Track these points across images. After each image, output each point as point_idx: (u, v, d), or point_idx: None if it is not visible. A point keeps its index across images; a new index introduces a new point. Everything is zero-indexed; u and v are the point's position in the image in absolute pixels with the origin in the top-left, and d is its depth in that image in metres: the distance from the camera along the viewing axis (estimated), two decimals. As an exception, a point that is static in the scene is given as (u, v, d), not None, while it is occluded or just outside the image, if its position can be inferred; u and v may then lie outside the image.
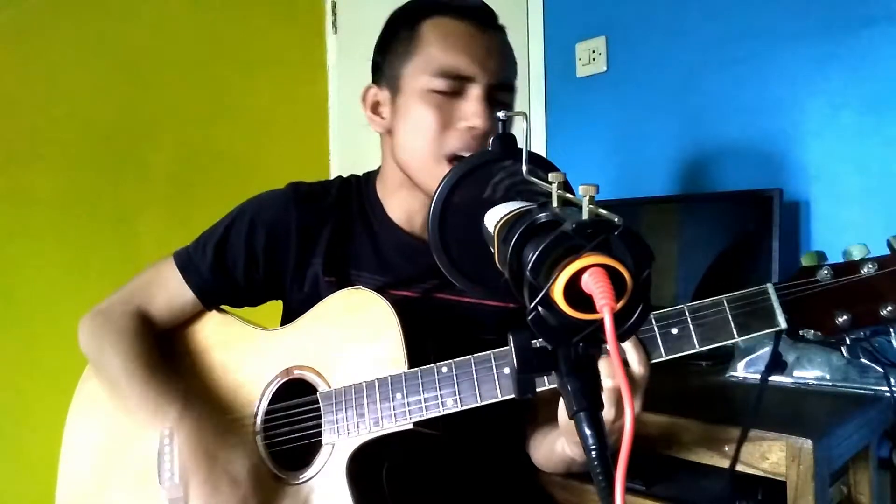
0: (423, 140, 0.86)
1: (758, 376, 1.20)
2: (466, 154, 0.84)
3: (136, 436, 0.93)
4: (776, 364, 0.74)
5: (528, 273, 0.38)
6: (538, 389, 0.52)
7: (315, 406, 0.86)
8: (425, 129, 0.85)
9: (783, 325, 0.69)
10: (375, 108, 0.94)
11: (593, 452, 0.40)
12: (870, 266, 0.66)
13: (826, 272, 0.68)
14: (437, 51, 0.86)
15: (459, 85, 0.85)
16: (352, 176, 1.03)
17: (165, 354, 0.96)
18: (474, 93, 0.85)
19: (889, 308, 0.65)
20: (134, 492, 0.93)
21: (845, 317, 0.67)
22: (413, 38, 0.88)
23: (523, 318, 0.39)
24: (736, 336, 0.70)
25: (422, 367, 0.80)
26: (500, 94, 0.87)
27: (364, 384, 0.82)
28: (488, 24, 0.89)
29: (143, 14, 1.81)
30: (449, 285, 0.80)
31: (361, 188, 1.00)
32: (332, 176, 2.21)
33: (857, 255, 0.68)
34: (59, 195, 1.64)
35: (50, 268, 1.62)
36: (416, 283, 0.93)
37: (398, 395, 0.80)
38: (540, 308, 0.38)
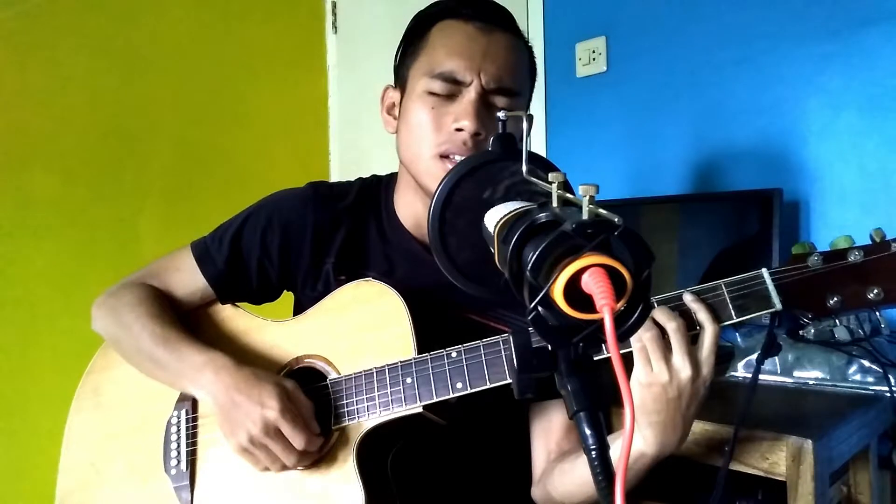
0: (418, 139, 0.88)
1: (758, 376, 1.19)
2: (457, 155, 0.85)
3: (143, 422, 0.95)
4: (771, 345, 0.77)
5: (528, 273, 0.38)
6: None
7: (325, 393, 0.86)
8: (420, 128, 0.88)
9: (778, 306, 0.73)
10: (391, 109, 0.96)
11: (593, 452, 0.40)
12: (856, 254, 0.71)
13: (816, 258, 0.72)
14: (438, 54, 0.88)
15: (455, 88, 0.86)
16: (373, 177, 1.04)
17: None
18: (467, 96, 0.86)
19: (875, 291, 0.70)
20: (137, 479, 0.94)
21: (836, 299, 0.71)
22: (422, 41, 0.90)
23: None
24: (734, 317, 0.73)
25: (431, 353, 0.81)
26: (498, 98, 0.87)
27: (374, 370, 0.83)
28: (496, 25, 0.89)
29: (143, 14, 1.81)
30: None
31: (380, 190, 1.01)
32: (333, 175, 2.25)
33: (843, 245, 0.72)
34: (59, 195, 1.64)
35: (50, 267, 1.62)
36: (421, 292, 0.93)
37: (408, 379, 0.81)
38: (540, 308, 0.38)
